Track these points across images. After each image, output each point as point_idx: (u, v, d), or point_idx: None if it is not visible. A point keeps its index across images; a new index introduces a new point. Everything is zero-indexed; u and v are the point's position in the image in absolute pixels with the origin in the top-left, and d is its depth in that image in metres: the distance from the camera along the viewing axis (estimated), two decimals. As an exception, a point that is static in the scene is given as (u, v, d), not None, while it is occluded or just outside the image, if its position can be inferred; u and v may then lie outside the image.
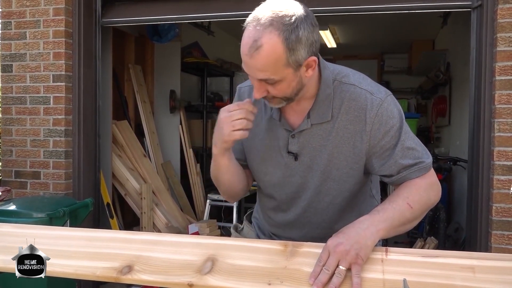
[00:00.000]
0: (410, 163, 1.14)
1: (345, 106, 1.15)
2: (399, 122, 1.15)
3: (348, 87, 1.16)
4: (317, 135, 1.17)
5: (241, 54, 1.04)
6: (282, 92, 1.08)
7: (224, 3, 2.96)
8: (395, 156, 1.14)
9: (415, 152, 1.15)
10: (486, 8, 2.50)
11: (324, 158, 1.17)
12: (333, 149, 1.16)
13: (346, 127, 1.15)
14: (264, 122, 1.24)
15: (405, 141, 1.14)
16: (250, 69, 1.04)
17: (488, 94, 2.49)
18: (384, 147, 1.15)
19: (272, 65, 1.01)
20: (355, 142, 1.15)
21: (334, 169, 1.18)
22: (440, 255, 0.97)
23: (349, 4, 2.82)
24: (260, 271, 0.98)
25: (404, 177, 1.15)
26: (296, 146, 1.19)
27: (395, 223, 1.05)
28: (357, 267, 0.94)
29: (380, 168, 1.17)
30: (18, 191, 3.10)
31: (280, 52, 1.00)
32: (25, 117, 3.10)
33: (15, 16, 3.10)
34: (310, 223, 1.27)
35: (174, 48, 4.69)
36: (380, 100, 1.14)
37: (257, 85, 1.07)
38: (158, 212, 3.96)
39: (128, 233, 1.17)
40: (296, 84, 1.08)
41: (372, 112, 1.13)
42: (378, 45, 7.29)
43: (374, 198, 1.35)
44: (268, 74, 1.03)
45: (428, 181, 1.15)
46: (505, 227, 2.40)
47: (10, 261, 1.04)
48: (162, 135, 4.76)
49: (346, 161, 1.17)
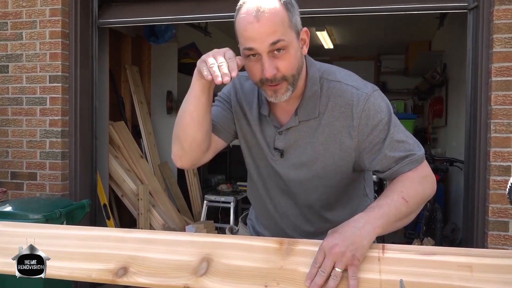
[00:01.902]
0: (400, 156, 1.13)
1: (331, 103, 1.15)
2: (387, 116, 1.14)
3: (334, 84, 1.16)
4: (304, 132, 1.18)
5: (244, 26, 1.04)
6: (290, 66, 1.06)
7: (220, 4, 2.96)
8: (384, 149, 1.13)
9: (405, 144, 1.14)
10: (482, 9, 2.51)
11: (310, 155, 1.18)
12: (319, 146, 1.17)
13: (332, 124, 1.15)
14: (255, 115, 1.24)
15: (395, 134, 1.14)
16: (259, 36, 1.02)
17: (484, 95, 2.50)
18: (373, 141, 1.14)
19: (280, 24, 1.03)
20: (342, 139, 1.15)
21: (319, 166, 1.18)
22: (438, 252, 0.96)
23: (346, 5, 2.82)
24: (256, 271, 0.98)
25: (397, 171, 1.14)
26: (282, 143, 1.20)
27: (391, 219, 1.04)
28: (354, 269, 0.93)
29: (371, 163, 1.16)
30: (14, 192, 3.09)
31: (283, 13, 1.04)
32: (21, 118, 3.09)
33: (11, 17, 3.09)
34: (299, 217, 1.28)
35: (171, 49, 4.68)
36: (366, 95, 1.13)
37: (267, 60, 1.04)
38: (155, 213, 3.95)
39: (122, 231, 1.15)
40: (299, 58, 1.09)
41: (358, 107, 1.12)
42: (374, 46, 7.31)
43: (367, 197, 1.35)
44: (278, 34, 1.03)
45: (421, 173, 1.14)
46: (501, 228, 2.41)
47: (4, 263, 1.04)
48: (159, 136, 4.75)
49: (333, 158, 1.17)
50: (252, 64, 1.08)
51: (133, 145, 4.19)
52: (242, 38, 1.06)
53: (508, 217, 2.40)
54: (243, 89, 1.27)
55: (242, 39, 1.06)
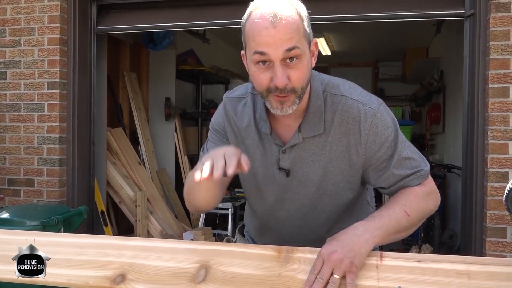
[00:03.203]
0: (407, 173, 1.12)
1: (338, 119, 1.11)
2: (394, 132, 1.13)
3: (339, 99, 1.12)
4: (310, 149, 1.13)
5: (259, 30, 0.99)
6: (302, 77, 1.02)
7: (219, 11, 2.98)
8: (391, 168, 1.12)
9: (412, 161, 1.13)
10: (479, 16, 2.53)
11: (318, 173, 1.14)
12: (327, 163, 1.13)
13: (340, 140, 1.12)
14: (253, 135, 1.19)
15: (402, 151, 1.12)
16: (274, 41, 0.98)
17: (481, 102, 2.51)
18: (381, 159, 1.12)
19: (296, 31, 1.00)
20: (351, 155, 1.12)
21: (329, 184, 1.15)
22: (435, 260, 0.96)
23: (343, 13, 2.84)
24: (254, 279, 0.98)
25: (402, 186, 1.13)
26: (287, 162, 1.15)
27: (390, 230, 1.04)
28: (352, 276, 0.93)
29: (376, 180, 1.15)
30: (11, 199, 3.08)
31: (299, 22, 1.01)
32: (19, 125, 3.09)
33: (10, 24, 3.09)
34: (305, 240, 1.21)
35: (169, 55, 4.69)
36: (373, 111, 1.10)
37: (279, 68, 1.00)
38: (153, 219, 3.94)
39: (120, 239, 1.15)
40: (309, 69, 1.06)
41: (366, 124, 1.10)
42: (372, 53, 7.34)
43: (369, 205, 1.34)
44: (294, 41, 0.99)
45: (427, 189, 1.13)
46: (499, 234, 2.41)
47: (2, 270, 1.03)
48: (157, 142, 4.75)
49: (342, 175, 1.14)
50: (260, 71, 1.02)
51: (131, 151, 4.19)
52: (254, 43, 1.00)
53: (506, 224, 2.40)
54: (236, 113, 1.21)
55: (253, 44, 1.01)
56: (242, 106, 1.20)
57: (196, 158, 4.93)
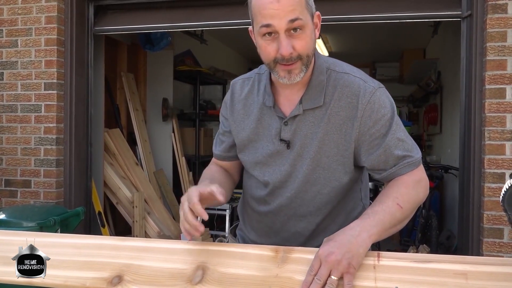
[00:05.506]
0: (399, 155, 1.14)
1: (338, 93, 1.16)
2: (391, 113, 1.16)
3: (341, 75, 1.18)
4: (309, 122, 1.18)
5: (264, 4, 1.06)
6: (306, 46, 1.09)
7: (216, 12, 2.98)
8: (384, 145, 1.14)
9: (405, 144, 1.15)
10: (476, 18, 2.53)
11: (315, 145, 1.17)
12: (324, 136, 1.17)
13: (338, 113, 1.16)
14: (256, 111, 1.24)
15: (396, 132, 1.15)
16: (278, 13, 1.05)
17: (478, 103, 2.52)
18: (374, 135, 1.15)
19: (298, 3, 1.06)
20: (347, 129, 1.16)
21: (324, 156, 1.18)
22: (433, 260, 0.96)
23: (341, 14, 2.84)
24: (251, 280, 0.97)
25: (394, 173, 1.15)
26: (288, 133, 1.20)
27: (386, 225, 1.04)
28: (349, 277, 0.93)
29: (368, 157, 1.16)
30: (8, 200, 3.07)
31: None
32: (16, 125, 3.08)
33: (7, 24, 3.09)
34: (295, 215, 1.25)
35: (166, 56, 4.69)
36: (373, 88, 1.16)
37: (284, 38, 1.07)
38: (150, 220, 3.93)
39: (117, 239, 1.15)
40: (313, 39, 1.12)
41: (364, 98, 1.14)
42: (369, 54, 7.35)
43: (362, 202, 1.34)
44: (296, 12, 1.05)
45: (416, 177, 1.15)
46: (496, 235, 2.42)
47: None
48: (155, 143, 4.75)
49: (337, 148, 1.17)
50: (267, 43, 1.09)
51: (128, 152, 4.18)
52: (260, 16, 1.07)
53: (503, 224, 2.41)
54: (241, 91, 1.30)
55: (260, 17, 1.08)
56: (247, 84, 1.30)
57: (194, 159, 4.95)
